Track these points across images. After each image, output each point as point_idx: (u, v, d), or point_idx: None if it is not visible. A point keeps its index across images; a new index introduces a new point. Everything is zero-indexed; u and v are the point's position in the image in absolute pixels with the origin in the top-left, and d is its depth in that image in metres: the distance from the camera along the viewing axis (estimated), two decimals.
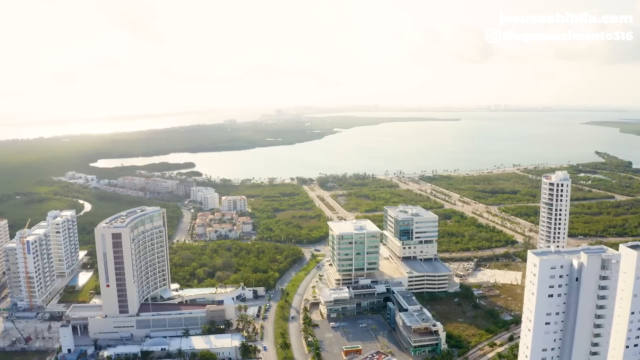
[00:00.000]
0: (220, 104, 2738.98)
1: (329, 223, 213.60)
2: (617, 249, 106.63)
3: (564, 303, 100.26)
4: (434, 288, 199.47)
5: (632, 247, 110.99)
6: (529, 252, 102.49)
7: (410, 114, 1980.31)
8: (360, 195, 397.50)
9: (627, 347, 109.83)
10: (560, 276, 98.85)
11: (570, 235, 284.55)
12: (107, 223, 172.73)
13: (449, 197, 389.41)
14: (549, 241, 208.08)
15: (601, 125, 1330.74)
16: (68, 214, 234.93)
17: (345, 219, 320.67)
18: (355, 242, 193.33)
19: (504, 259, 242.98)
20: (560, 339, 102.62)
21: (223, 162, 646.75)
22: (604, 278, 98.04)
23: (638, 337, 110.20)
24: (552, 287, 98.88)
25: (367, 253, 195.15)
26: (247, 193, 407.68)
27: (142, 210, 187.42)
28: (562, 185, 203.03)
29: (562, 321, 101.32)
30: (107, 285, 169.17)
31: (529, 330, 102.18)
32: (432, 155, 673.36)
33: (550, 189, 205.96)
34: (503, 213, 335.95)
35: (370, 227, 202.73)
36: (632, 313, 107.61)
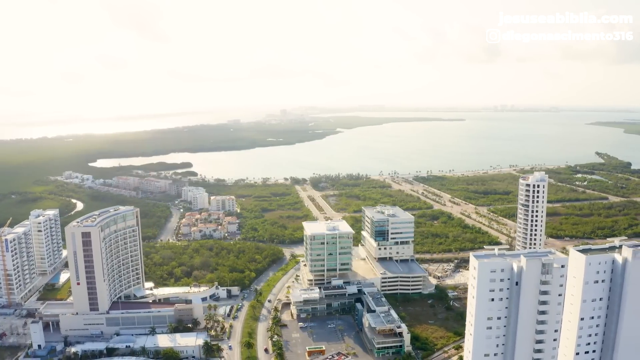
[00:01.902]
0: (226, 104, 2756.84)
1: (304, 223, 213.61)
2: None
3: (506, 307, 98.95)
4: (408, 289, 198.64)
5: (582, 250, 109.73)
6: (470, 255, 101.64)
7: (415, 114, 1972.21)
8: (351, 196, 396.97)
9: (577, 354, 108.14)
10: (501, 280, 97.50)
11: (556, 236, 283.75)
12: (78, 222, 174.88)
13: (439, 198, 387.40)
14: (525, 243, 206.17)
15: (606, 125, 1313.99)
16: (50, 213, 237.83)
17: (331, 219, 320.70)
18: (327, 243, 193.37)
19: None
20: (503, 344, 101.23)
21: (221, 162, 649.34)
22: (544, 283, 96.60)
23: (589, 343, 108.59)
24: (493, 291, 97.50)
25: (340, 254, 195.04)
26: (239, 193, 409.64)
27: (115, 210, 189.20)
28: (538, 186, 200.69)
29: (505, 326, 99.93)
30: (78, 283, 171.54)
31: (471, 334, 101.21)
32: (432, 156, 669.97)
33: (527, 190, 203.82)
34: (492, 214, 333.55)
35: (344, 227, 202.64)
36: (582, 319, 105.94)
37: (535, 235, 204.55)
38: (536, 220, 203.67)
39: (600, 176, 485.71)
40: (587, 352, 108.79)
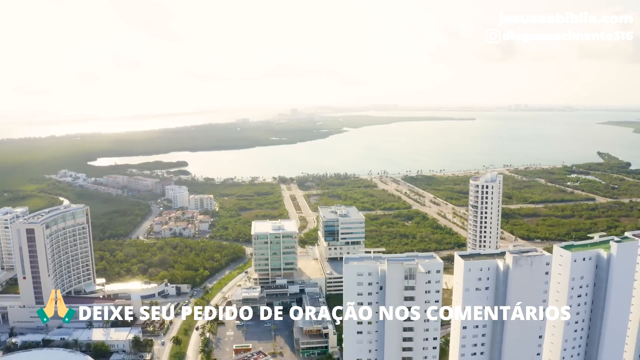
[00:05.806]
0: (240, 103, 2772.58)
1: (253, 222, 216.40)
2: None
3: (376, 312, 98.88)
4: None
5: (466, 255, 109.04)
6: (344, 257, 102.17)
7: (428, 113, 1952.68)
8: (333, 195, 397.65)
9: None
10: (369, 284, 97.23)
11: (527, 238, 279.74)
12: (25, 219, 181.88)
13: (421, 198, 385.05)
14: (475, 245, 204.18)
15: (617, 125, 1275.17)
16: (19, 210, 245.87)
17: (306, 219, 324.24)
18: (271, 242, 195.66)
19: (446, 261, 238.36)
20: (376, 350, 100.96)
21: (218, 161, 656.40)
22: (409, 288, 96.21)
23: (474, 353, 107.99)
24: (361, 294, 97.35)
25: (284, 253, 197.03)
26: (224, 192, 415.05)
27: (65, 208, 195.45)
28: (487, 187, 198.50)
29: (376, 331, 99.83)
30: (24, 277, 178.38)
31: (344, 337, 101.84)
32: (433, 156, 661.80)
33: (476, 192, 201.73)
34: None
35: (289, 227, 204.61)
36: (464, 327, 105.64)
37: (485, 237, 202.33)
38: (486, 222, 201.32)
39: (595, 176, 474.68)
40: None
